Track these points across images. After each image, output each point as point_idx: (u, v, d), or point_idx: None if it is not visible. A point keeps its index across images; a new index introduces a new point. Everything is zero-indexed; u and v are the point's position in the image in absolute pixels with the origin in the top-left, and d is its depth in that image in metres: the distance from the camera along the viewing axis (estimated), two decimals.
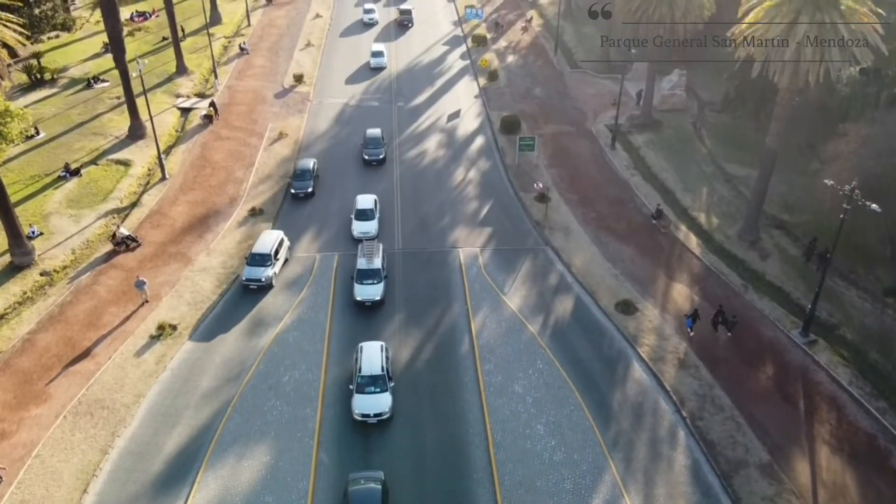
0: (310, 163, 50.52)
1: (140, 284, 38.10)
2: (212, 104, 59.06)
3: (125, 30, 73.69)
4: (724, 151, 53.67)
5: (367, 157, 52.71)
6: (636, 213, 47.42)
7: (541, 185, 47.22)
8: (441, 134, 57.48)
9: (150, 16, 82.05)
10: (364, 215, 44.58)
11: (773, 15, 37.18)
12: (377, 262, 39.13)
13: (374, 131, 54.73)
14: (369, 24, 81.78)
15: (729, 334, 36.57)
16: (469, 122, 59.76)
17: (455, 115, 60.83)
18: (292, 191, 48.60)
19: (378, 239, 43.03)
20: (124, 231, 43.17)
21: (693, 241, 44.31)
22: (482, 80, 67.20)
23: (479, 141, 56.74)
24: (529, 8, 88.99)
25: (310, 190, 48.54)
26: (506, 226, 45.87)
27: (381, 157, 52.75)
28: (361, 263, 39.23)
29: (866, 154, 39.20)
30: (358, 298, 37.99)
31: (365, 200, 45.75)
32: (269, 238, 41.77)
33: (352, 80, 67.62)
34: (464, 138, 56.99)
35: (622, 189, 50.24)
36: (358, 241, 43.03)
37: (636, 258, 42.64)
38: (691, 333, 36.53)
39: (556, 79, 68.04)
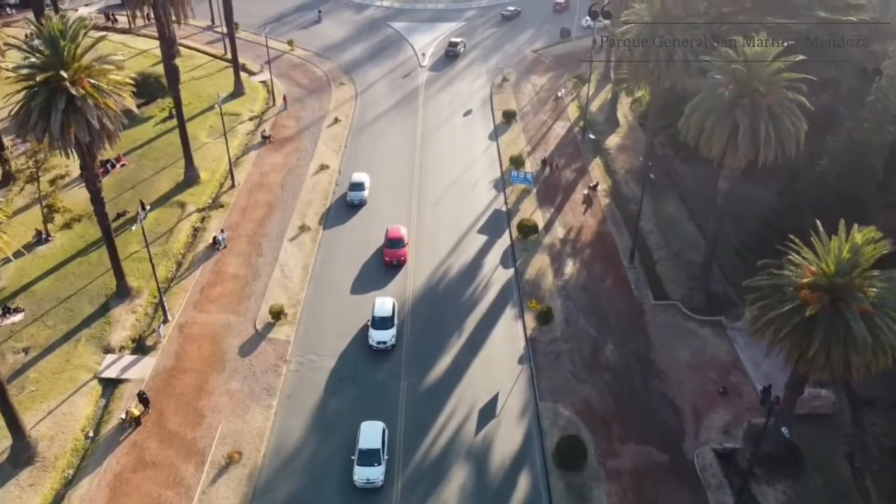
0: None
1: None
2: (141, 397, 41.14)
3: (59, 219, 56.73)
4: None
5: None
6: None
7: None
8: (467, 465, 38.40)
9: (117, 164, 65.02)
10: None
11: None
12: None
13: None
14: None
15: None
16: (511, 431, 40.39)
17: (490, 410, 41.65)
18: None
19: None
20: None
21: None
22: (530, 322, 48.16)
23: (522, 485, 37.64)
24: (592, 155, 69.40)
25: None
26: None
27: None
28: None
29: None
30: None
31: None
32: None
33: (353, 316, 48.74)
34: (501, 479, 37.92)
35: None
36: None
37: None
38: None
39: (634, 322, 48.49)
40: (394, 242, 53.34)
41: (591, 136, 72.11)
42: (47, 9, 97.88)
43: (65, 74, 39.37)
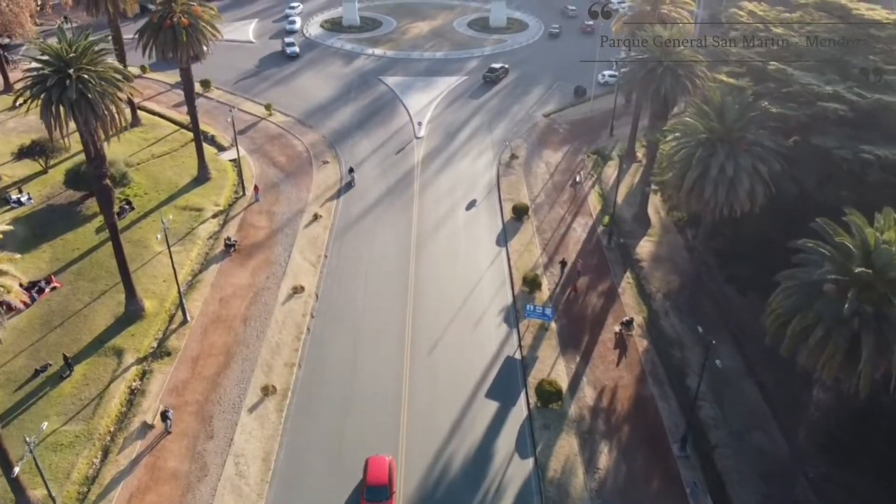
0: None
1: None
2: None
3: None
4: None
5: None
6: None
7: None
8: None
9: (46, 287, 53.45)
10: None
11: None
12: None
13: None
14: None
15: None
16: None
17: None
18: None
19: None
20: None
21: None
22: None
23: None
24: (621, 269, 57.74)
25: None
26: None
27: None
28: None
29: None
30: None
31: None
32: None
33: None
34: None
35: None
36: None
37: None
38: None
39: None
40: (374, 492, 37.12)
41: (619, 240, 60.67)
42: None
43: None
